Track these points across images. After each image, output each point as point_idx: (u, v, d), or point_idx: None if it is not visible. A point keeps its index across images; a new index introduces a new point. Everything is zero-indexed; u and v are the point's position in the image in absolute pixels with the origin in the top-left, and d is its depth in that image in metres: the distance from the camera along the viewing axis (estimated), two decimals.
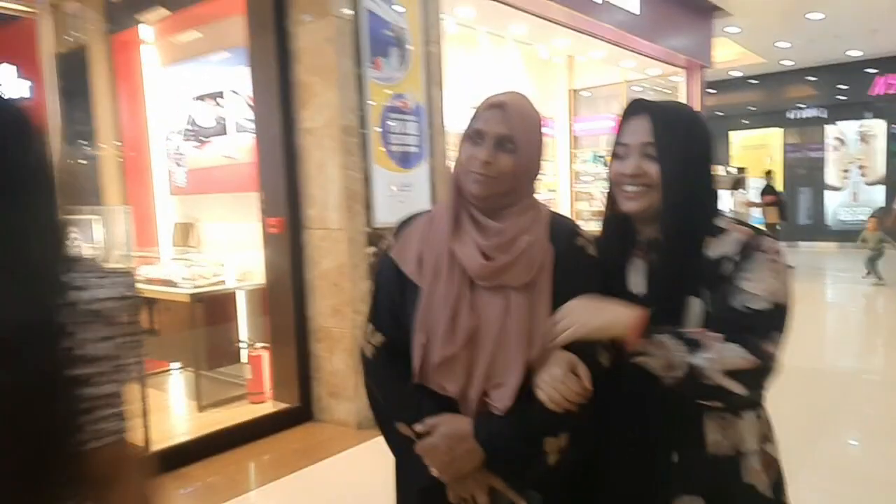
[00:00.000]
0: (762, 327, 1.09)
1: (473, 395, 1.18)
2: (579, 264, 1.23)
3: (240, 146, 4.16)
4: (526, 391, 1.16)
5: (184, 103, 4.47)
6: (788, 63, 13.11)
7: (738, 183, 10.77)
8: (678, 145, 1.20)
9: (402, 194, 3.76)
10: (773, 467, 1.23)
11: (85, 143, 4.90)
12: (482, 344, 1.17)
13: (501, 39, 7.05)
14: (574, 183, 8.71)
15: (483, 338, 1.17)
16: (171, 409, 4.20)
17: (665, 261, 1.22)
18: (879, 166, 13.40)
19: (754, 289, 1.11)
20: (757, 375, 1.08)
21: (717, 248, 1.17)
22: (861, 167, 13.65)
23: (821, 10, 9.15)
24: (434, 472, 1.18)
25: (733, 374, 1.05)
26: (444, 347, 1.17)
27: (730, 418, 1.18)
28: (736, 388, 1.06)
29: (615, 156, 1.28)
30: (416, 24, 3.80)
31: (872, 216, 10.04)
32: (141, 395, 2.94)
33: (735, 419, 1.19)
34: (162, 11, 4.54)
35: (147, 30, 4.80)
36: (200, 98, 4.33)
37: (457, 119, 3.87)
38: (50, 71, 5.09)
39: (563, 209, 8.05)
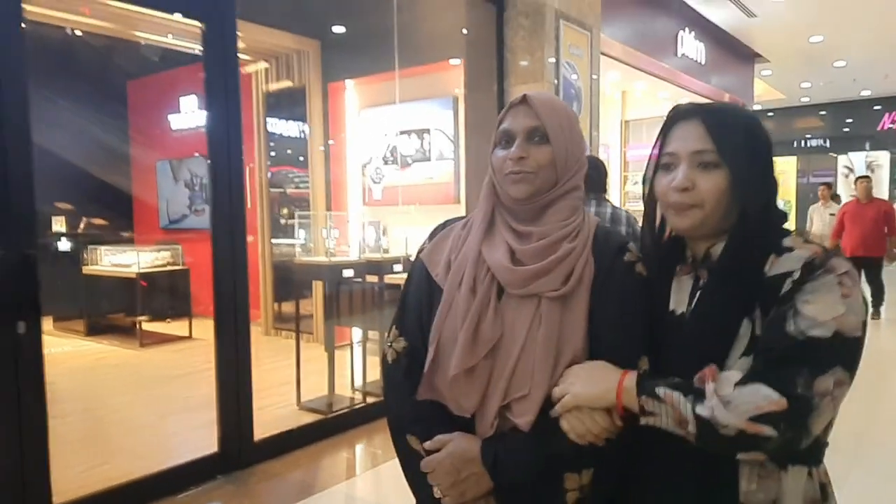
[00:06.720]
0: (817, 359, 0.93)
1: (491, 412, 1.06)
2: (625, 283, 1.09)
3: (441, 171, 5.44)
4: (549, 419, 1.03)
5: (386, 136, 5.74)
6: (805, 99, 14.67)
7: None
8: (741, 150, 1.04)
9: None
10: None
11: (300, 162, 6.14)
12: (504, 356, 1.06)
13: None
14: (626, 202, 9.99)
15: (506, 349, 1.06)
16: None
17: (721, 279, 1.06)
18: (883, 193, 14.90)
19: (814, 313, 0.94)
20: (791, 417, 0.90)
21: (779, 267, 1.00)
22: None
23: (844, 59, 10.66)
24: (436, 492, 1.09)
25: (759, 418, 0.90)
26: (462, 359, 1.06)
27: (770, 468, 1.01)
28: (766, 431, 0.90)
29: (661, 167, 1.12)
30: (586, 83, 5.11)
31: None
32: None
33: (777, 470, 1.01)
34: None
35: (358, 81, 6.09)
36: (406, 133, 5.60)
37: None
38: (260, 106, 6.37)
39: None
